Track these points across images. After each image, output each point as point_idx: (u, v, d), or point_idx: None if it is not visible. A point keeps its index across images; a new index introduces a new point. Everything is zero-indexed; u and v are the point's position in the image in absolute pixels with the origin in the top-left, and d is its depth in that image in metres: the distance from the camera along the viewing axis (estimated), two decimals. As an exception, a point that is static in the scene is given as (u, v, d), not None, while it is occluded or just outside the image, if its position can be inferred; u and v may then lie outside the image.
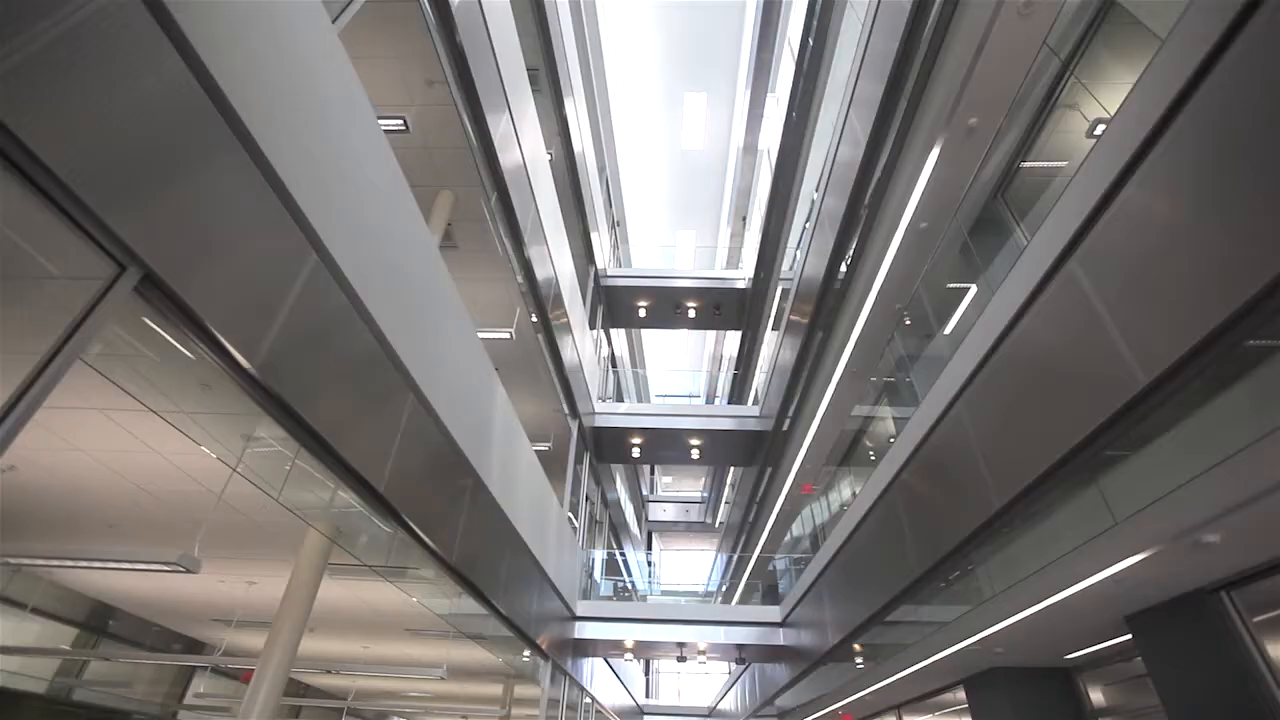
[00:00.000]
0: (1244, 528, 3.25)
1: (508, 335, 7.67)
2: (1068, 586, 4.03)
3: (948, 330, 5.34)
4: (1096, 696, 6.09)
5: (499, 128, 5.87)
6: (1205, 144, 2.44)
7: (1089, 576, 3.83)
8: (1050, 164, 4.87)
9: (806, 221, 9.84)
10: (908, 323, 6.51)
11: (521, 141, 6.73)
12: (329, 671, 11.30)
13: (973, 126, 5.12)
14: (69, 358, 1.74)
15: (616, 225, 17.00)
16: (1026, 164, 5.04)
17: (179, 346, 2.25)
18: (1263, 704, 3.64)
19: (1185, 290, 2.48)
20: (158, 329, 2.18)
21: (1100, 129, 3.40)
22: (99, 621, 9.14)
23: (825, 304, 8.47)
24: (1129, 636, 4.85)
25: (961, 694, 7.13)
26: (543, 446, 10.17)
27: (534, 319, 8.18)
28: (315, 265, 2.82)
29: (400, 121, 5.33)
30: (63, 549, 5.03)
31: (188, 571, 3.85)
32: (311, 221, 2.71)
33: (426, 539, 4.09)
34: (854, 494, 7.33)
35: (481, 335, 5.55)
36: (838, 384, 8.47)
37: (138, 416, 3.82)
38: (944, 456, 4.67)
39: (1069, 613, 4.52)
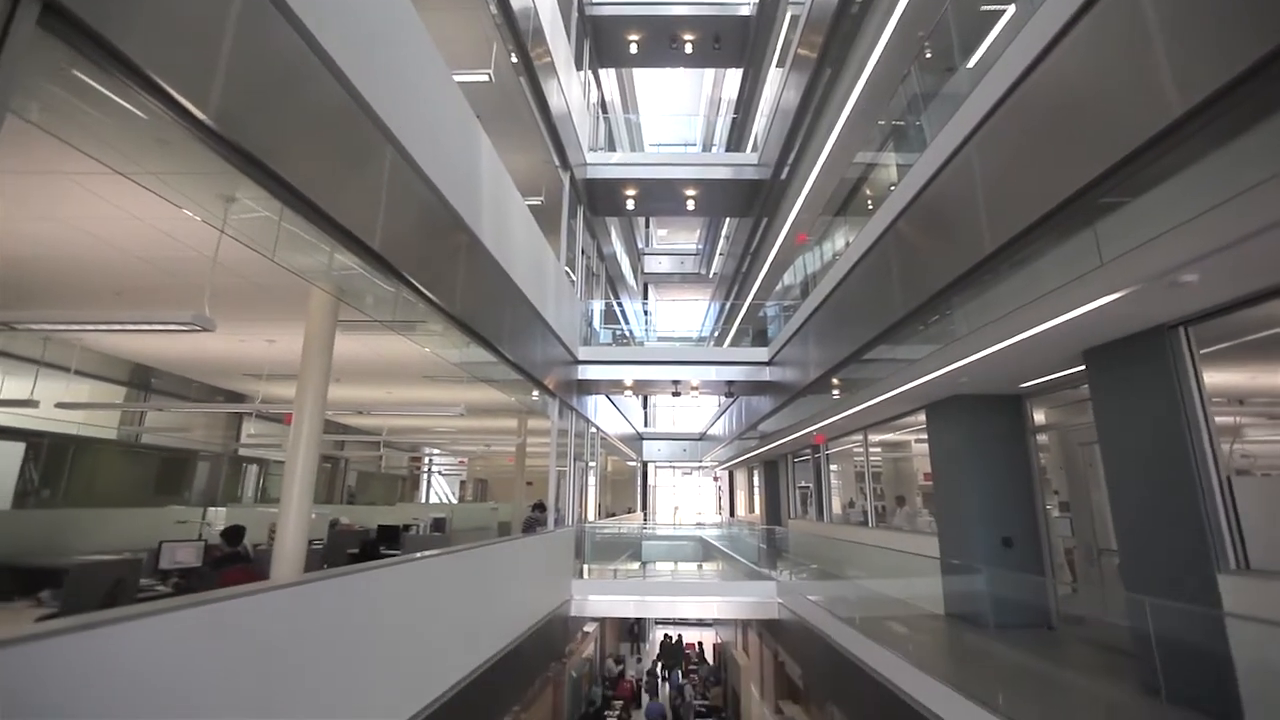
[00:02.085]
0: (1220, 269, 3.35)
1: (486, 77, 6.92)
2: (1040, 324, 4.29)
3: (971, 63, 4.82)
4: (1039, 417, 6.93)
5: None
6: None
7: (1063, 314, 4.06)
8: None
9: (827, -81, 8.18)
10: (928, 55, 5.84)
11: None
12: (360, 413, 12.67)
13: None
14: (-1, 113, 1.59)
15: (599, -69, 14.17)
16: None
17: (119, 99, 2.04)
18: (1187, 423, 4.15)
19: (1252, 4, 2.17)
20: (91, 81, 1.95)
21: None
22: (141, 380, 9.92)
23: (838, 32, 7.50)
24: (1080, 368, 5.33)
25: (922, 417, 8.10)
26: (535, 200, 9.90)
27: (514, 58, 7.30)
28: (248, -10, 2.41)
29: None
30: (81, 315, 5.22)
31: (205, 330, 4.03)
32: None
33: (429, 294, 4.22)
34: (847, 243, 7.38)
35: (457, 78, 5.01)
36: (843, 127, 7.93)
37: (107, 181, 3.63)
38: (944, 201, 4.59)
39: (1034, 347, 4.90)
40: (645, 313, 21.92)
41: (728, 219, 17.53)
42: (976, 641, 5.76)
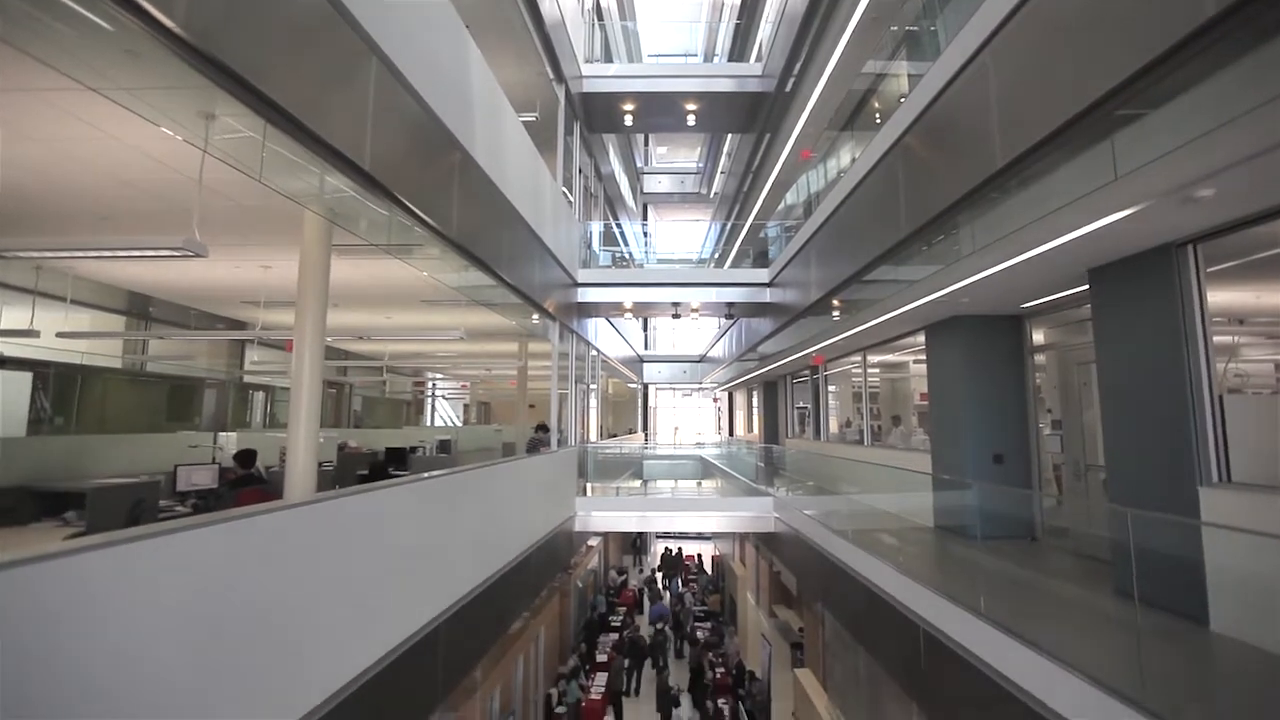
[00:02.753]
0: (1237, 183, 3.25)
1: (471, -21, 6.46)
2: (1047, 242, 4.22)
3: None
4: (1038, 337, 6.95)
5: None
6: None
7: (1072, 231, 3.98)
8: None
9: None
10: (948, -54, 5.42)
11: None
12: (361, 338, 12.70)
13: None
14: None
15: None
16: None
17: (80, 8, 1.92)
18: (1186, 342, 4.16)
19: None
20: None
21: None
22: (139, 308, 9.87)
23: (852, -79, 6.93)
24: (1083, 288, 5.29)
25: (921, 338, 8.13)
26: (529, 117, 9.50)
27: (499, -45, 6.80)
28: (209, -121, 2.21)
29: None
30: (71, 242, 5.12)
31: (197, 255, 3.97)
32: None
33: (424, 216, 4.13)
34: (853, 159, 7.14)
35: (439, -20, 4.68)
36: (853, 33, 7.48)
37: (80, 99, 3.46)
38: (955, 113, 4.40)
39: (1038, 266, 4.84)
40: (645, 234, 21.52)
41: (729, 136, 16.87)
42: (962, 551, 6.04)
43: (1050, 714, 3.03)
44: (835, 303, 7.93)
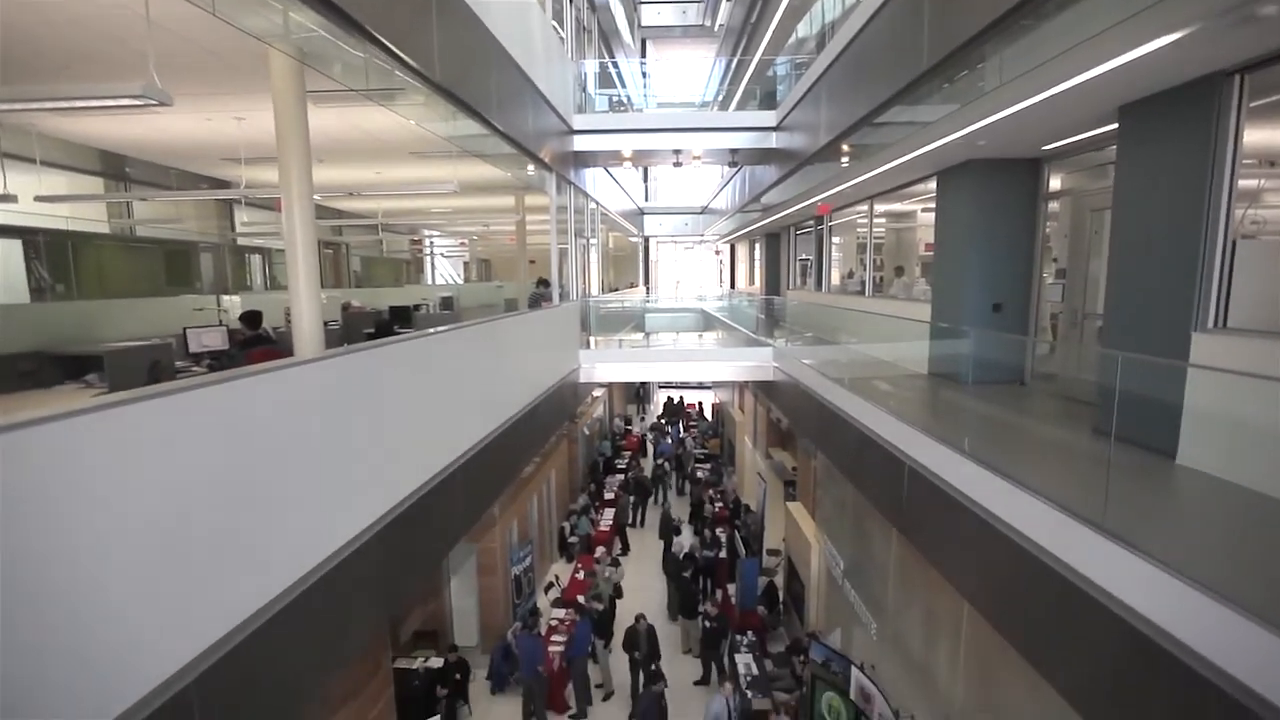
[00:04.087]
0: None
1: None
2: (1083, 72, 3.89)
3: None
4: (1054, 183, 6.66)
5: None
6: None
7: (1112, 59, 3.65)
8: None
9: None
10: None
11: None
12: (351, 195, 12.27)
13: None
14: None
15: None
16: None
17: None
18: (1211, 184, 3.97)
19: None
20: None
21: None
22: (114, 169, 9.40)
23: None
24: (1108, 128, 4.97)
25: (929, 186, 7.80)
26: (509, -68, 8.35)
27: None
28: None
29: None
30: (23, 92, 4.75)
31: (161, 104, 3.69)
32: None
33: (402, 54, 3.79)
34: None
35: None
36: None
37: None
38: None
39: (1069, 102, 4.50)
40: (644, 74, 19.86)
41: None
42: (951, 396, 6.30)
43: (1021, 538, 3.34)
44: (845, 147, 7.52)
